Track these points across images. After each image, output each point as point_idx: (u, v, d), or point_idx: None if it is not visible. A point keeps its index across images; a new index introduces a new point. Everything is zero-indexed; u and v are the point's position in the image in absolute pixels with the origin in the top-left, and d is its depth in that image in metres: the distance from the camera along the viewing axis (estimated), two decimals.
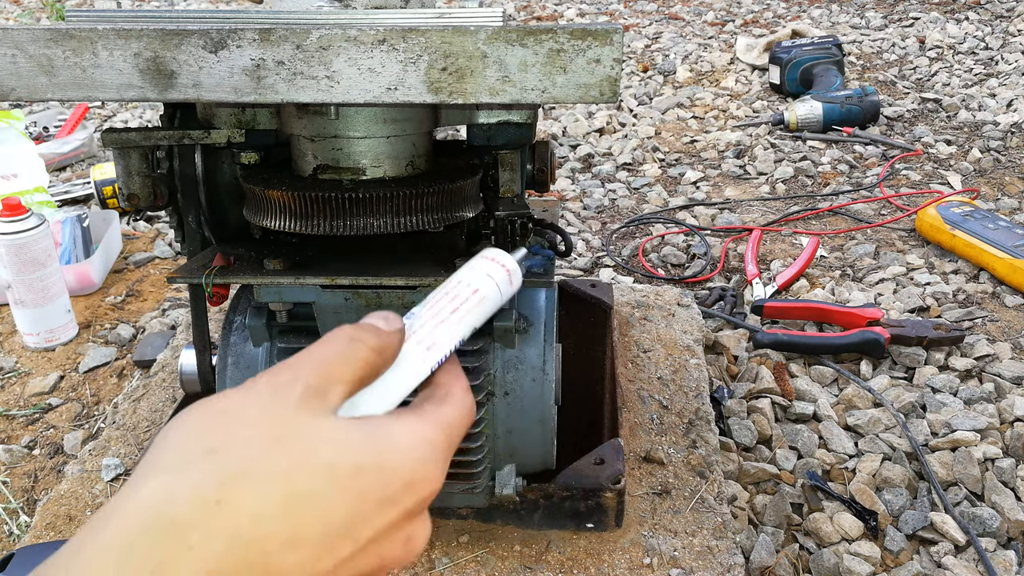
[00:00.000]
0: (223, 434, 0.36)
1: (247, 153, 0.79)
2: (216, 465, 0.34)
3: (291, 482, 0.34)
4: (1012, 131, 2.25)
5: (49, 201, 1.86)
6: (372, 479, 0.36)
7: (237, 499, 0.33)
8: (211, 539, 0.32)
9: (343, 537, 0.35)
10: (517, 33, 0.56)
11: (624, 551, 0.88)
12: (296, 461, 0.35)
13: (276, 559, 0.33)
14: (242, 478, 0.34)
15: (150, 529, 0.32)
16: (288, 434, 0.36)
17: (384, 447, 0.37)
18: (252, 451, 0.35)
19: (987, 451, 1.11)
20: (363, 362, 0.40)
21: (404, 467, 0.37)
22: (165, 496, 0.33)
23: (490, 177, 0.83)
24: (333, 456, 0.36)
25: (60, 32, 0.58)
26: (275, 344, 0.85)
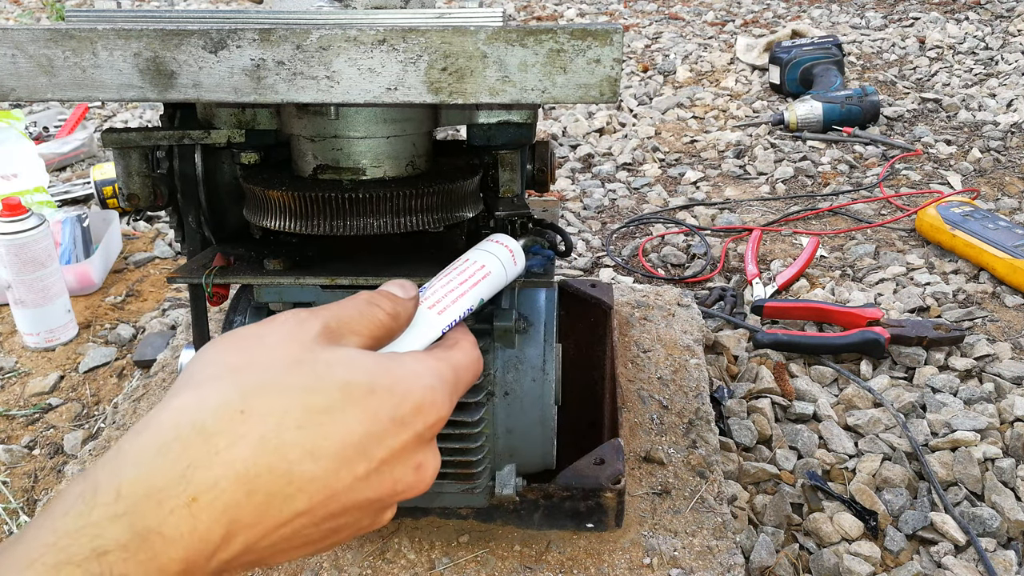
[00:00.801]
0: (246, 355, 0.39)
1: (247, 153, 0.79)
2: (240, 380, 0.38)
3: (309, 397, 0.37)
4: (1012, 131, 2.25)
5: (49, 201, 1.86)
6: (384, 399, 0.39)
7: (260, 410, 0.36)
8: (237, 445, 0.35)
9: (358, 453, 0.38)
10: (517, 33, 0.56)
11: (624, 551, 0.88)
12: (314, 379, 0.38)
13: (298, 468, 0.36)
14: (264, 392, 0.37)
15: (181, 435, 0.35)
16: (306, 357, 0.39)
17: (395, 373, 0.40)
18: (273, 369, 0.38)
19: (987, 451, 1.11)
20: (378, 322, 0.43)
21: (414, 390, 0.40)
22: (194, 406, 0.36)
23: (490, 177, 0.83)
24: (348, 375, 0.39)
25: (60, 32, 0.58)
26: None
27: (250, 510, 0.35)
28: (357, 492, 0.38)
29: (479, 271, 0.51)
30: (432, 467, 0.41)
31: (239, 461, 0.35)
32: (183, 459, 0.35)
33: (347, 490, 0.37)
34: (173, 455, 0.35)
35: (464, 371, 0.44)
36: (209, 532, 0.34)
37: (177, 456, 0.35)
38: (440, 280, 0.50)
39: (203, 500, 0.34)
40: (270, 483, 0.35)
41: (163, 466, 0.35)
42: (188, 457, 0.35)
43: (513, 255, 0.54)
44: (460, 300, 0.49)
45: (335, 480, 0.37)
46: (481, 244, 0.54)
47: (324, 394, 0.38)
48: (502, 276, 0.53)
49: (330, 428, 0.37)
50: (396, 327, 0.45)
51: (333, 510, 0.38)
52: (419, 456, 0.40)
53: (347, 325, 0.42)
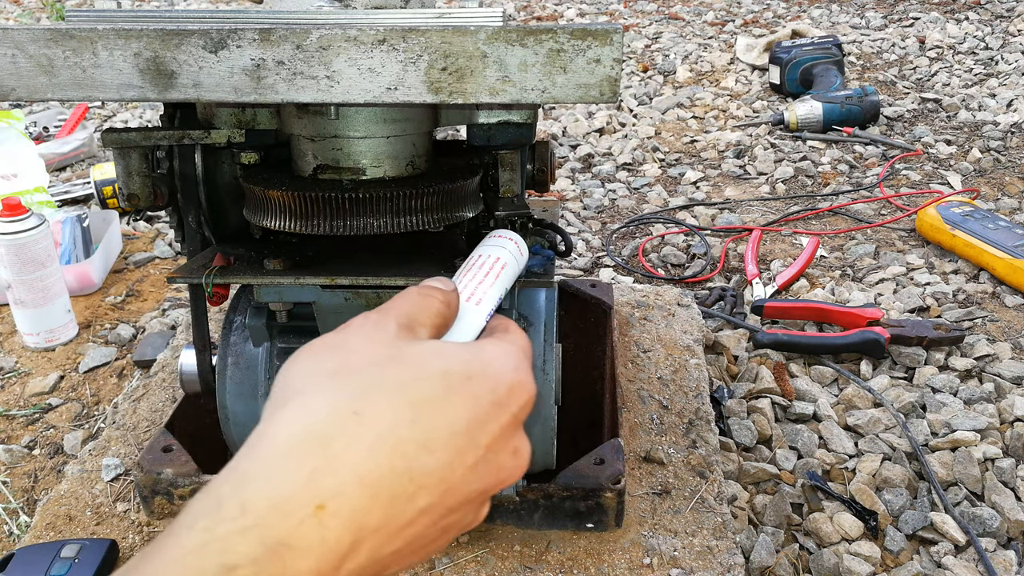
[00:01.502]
0: (340, 360, 0.39)
1: (247, 153, 0.79)
2: (344, 383, 0.37)
3: (413, 391, 0.37)
4: (1012, 131, 2.25)
5: (49, 201, 1.86)
6: (481, 384, 0.39)
7: (371, 409, 0.36)
8: (355, 447, 0.35)
9: (467, 441, 0.37)
10: (517, 33, 0.56)
11: (624, 551, 0.88)
12: (412, 372, 0.38)
13: (417, 464, 0.36)
14: (371, 391, 0.37)
15: (299, 443, 0.35)
16: (397, 354, 0.39)
17: (483, 357, 0.41)
18: (371, 371, 0.38)
19: (987, 451, 1.11)
20: (437, 311, 0.44)
21: (505, 372, 0.40)
22: (306, 414, 0.36)
23: (490, 177, 0.83)
24: (444, 364, 0.39)
25: (60, 32, 0.58)
26: (275, 344, 0.85)
27: (376, 513, 0.35)
28: (469, 483, 0.38)
29: (496, 263, 0.53)
30: (526, 451, 0.41)
31: (361, 463, 0.35)
32: (305, 467, 0.34)
33: (460, 482, 0.37)
34: (294, 464, 0.34)
35: (526, 347, 0.45)
36: (339, 541, 0.34)
37: (299, 464, 0.34)
38: (466, 275, 0.51)
39: (330, 507, 0.34)
40: (393, 483, 0.35)
41: (286, 476, 0.34)
42: (309, 464, 0.34)
43: (519, 247, 0.56)
44: (491, 291, 0.51)
45: (449, 472, 0.37)
46: (487, 241, 0.56)
47: (427, 385, 0.38)
48: (515, 266, 0.55)
49: (438, 418, 0.37)
50: (450, 315, 0.45)
51: (450, 505, 0.37)
52: (515, 440, 0.41)
53: (415, 319, 0.43)
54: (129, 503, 0.97)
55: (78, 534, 0.93)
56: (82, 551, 0.87)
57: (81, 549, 0.87)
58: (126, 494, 0.98)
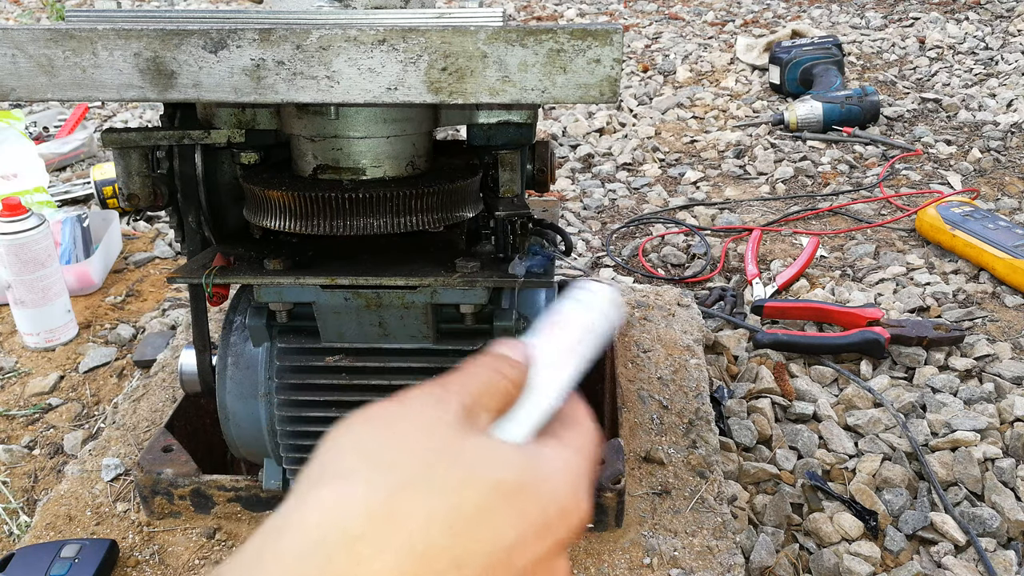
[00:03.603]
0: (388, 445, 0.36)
1: (247, 153, 0.79)
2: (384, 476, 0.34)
3: (459, 497, 0.34)
4: (1012, 131, 2.25)
5: (49, 201, 1.86)
6: (533, 502, 0.35)
7: (407, 511, 0.33)
8: (383, 552, 0.32)
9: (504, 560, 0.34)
10: (517, 33, 0.56)
11: (624, 551, 0.88)
12: (463, 475, 0.35)
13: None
14: (411, 489, 0.34)
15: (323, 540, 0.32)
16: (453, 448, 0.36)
17: (542, 469, 0.37)
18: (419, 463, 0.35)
19: (987, 451, 1.11)
20: (504, 393, 0.41)
21: (560, 492, 0.37)
22: (335, 506, 0.33)
23: (490, 177, 0.83)
24: (498, 473, 0.35)
25: (60, 32, 0.58)
26: (275, 344, 0.85)
27: None
28: None
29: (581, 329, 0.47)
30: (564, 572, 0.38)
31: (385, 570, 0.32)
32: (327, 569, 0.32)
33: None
34: (316, 564, 0.32)
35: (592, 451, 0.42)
36: None
37: (321, 565, 0.32)
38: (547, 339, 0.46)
39: None
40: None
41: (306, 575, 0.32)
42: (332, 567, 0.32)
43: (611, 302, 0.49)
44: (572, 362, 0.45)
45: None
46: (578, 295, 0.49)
47: (475, 492, 0.34)
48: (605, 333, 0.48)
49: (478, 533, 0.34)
50: (517, 395, 0.42)
51: None
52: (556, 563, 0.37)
53: (479, 401, 0.39)
54: (129, 503, 0.97)
55: (78, 534, 0.93)
56: (82, 551, 0.87)
57: (81, 549, 0.87)
58: (126, 494, 0.98)
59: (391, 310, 0.79)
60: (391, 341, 0.83)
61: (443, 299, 0.78)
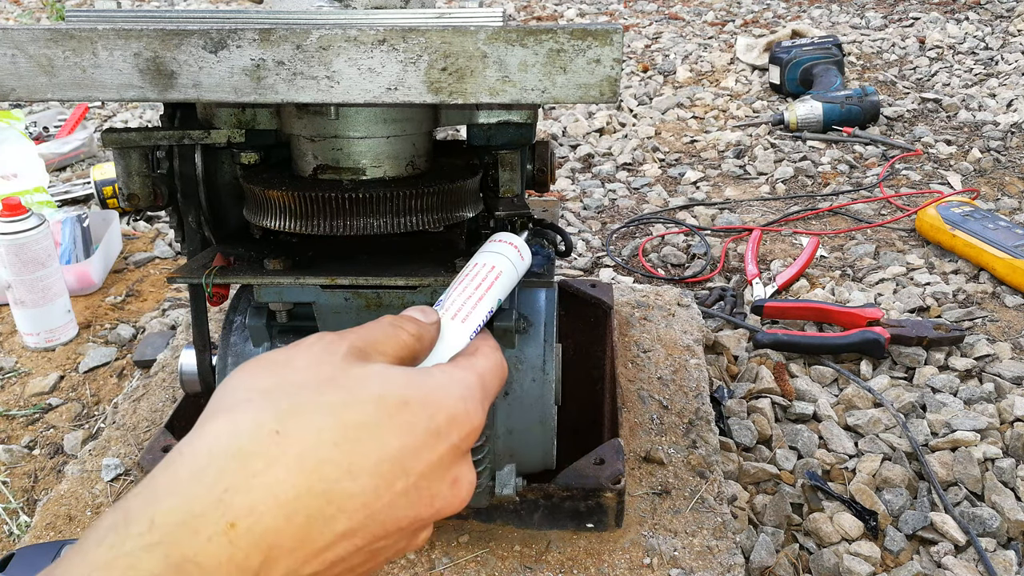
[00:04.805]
0: (276, 377, 0.38)
1: (247, 153, 0.79)
2: (272, 401, 0.37)
3: (344, 413, 0.36)
4: (1012, 131, 2.25)
5: (49, 201, 1.86)
6: (418, 411, 0.38)
7: (295, 429, 0.35)
8: (274, 466, 0.34)
9: (396, 468, 0.37)
10: (517, 33, 0.56)
11: (624, 551, 0.88)
12: (347, 394, 0.37)
13: (337, 487, 0.35)
14: (298, 411, 0.36)
15: (216, 459, 0.34)
16: (337, 375, 0.38)
17: (427, 385, 0.40)
18: (306, 388, 0.37)
19: (987, 451, 1.11)
20: (402, 343, 0.43)
21: (447, 402, 0.39)
22: (227, 430, 0.36)
23: (490, 177, 0.83)
24: (381, 389, 0.38)
25: (60, 32, 0.58)
26: (275, 344, 0.85)
27: (290, 534, 0.34)
28: (396, 510, 0.37)
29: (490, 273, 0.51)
30: (468, 481, 0.40)
31: (277, 483, 0.34)
32: (219, 484, 0.34)
33: (386, 508, 0.36)
34: (208, 480, 0.34)
35: (491, 376, 0.44)
36: (247, 559, 0.33)
37: (213, 481, 0.34)
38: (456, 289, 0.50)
39: (241, 526, 0.33)
40: (309, 505, 0.34)
41: (198, 492, 0.33)
42: (224, 482, 0.34)
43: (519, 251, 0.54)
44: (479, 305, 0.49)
45: (374, 498, 0.36)
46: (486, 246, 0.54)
47: (358, 409, 0.37)
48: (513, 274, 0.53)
49: (367, 444, 0.36)
50: (420, 349, 0.45)
51: (374, 531, 0.36)
52: (455, 470, 0.40)
53: (373, 345, 0.42)
54: None
55: (78, 534, 0.93)
56: None
57: None
58: (126, 494, 0.98)
59: (391, 310, 0.79)
60: None
61: None
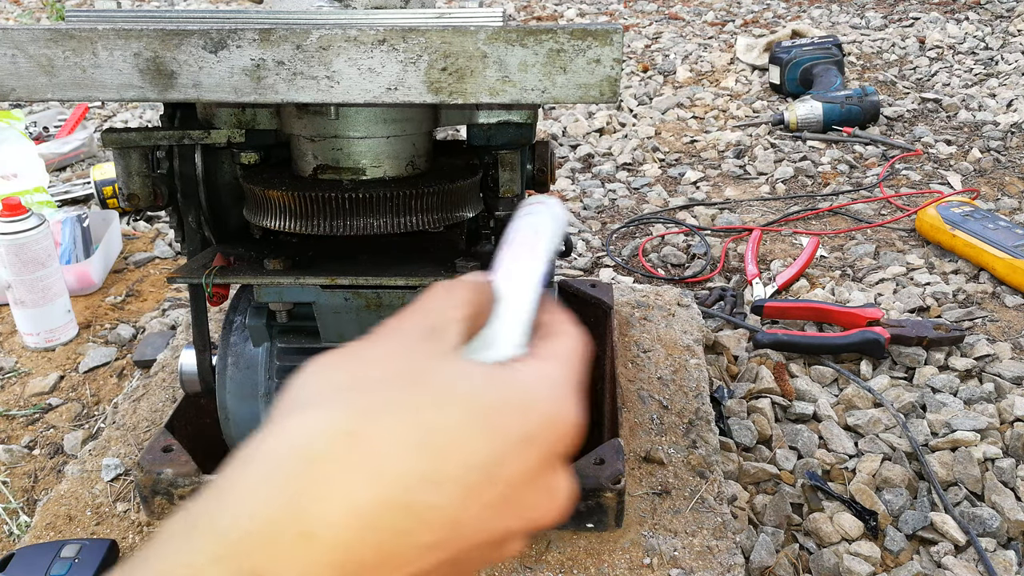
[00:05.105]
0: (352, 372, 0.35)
1: (247, 153, 0.79)
2: (349, 400, 0.33)
3: (427, 417, 0.33)
4: (1012, 131, 2.25)
5: (49, 201, 1.86)
6: (510, 416, 0.35)
7: (373, 433, 0.32)
8: (349, 472, 0.31)
9: (485, 478, 0.33)
10: (517, 33, 0.56)
11: (624, 551, 0.88)
12: (431, 396, 0.34)
13: (418, 497, 0.32)
14: (379, 412, 0.33)
15: (287, 463, 0.31)
16: (420, 372, 0.35)
17: (516, 385, 0.36)
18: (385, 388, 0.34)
19: (987, 451, 1.11)
20: (467, 301, 0.40)
21: (540, 404, 0.36)
22: (300, 431, 0.32)
23: (490, 177, 0.83)
24: (468, 392, 0.34)
25: (60, 32, 0.58)
26: (275, 344, 0.85)
27: (370, 548, 0.31)
28: (484, 522, 0.33)
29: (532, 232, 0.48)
30: (564, 490, 0.37)
31: (354, 492, 0.31)
32: (289, 490, 0.31)
33: (474, 520, 0.33)
34: (278, 486, 0.31)
35: (577, 359, 0.40)
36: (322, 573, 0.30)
37: (283, 487, 0.31)
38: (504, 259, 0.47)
39: (315, 538, 0.30)
40: (390, 517, 0.31)
41: (268, 499, 0.31)
42: (295, 488, 0.31)
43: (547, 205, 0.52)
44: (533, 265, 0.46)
45: (460, 511, 0.33)
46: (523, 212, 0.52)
47: (443, 412, 0.33)
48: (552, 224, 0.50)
49: (452, 450, 0.33)
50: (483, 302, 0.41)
51: (460, 545, 0.33)
52: (550, 479, 0.36)
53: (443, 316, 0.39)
54: (129, 503, 0.97)
55: (78, 534, 0.93)
56: (82, 551, 0.87)
57: (81, 549, 0.87)
58: (126, 494, 0.98)
59: (391, 310, 0.79)
60: None
61: None
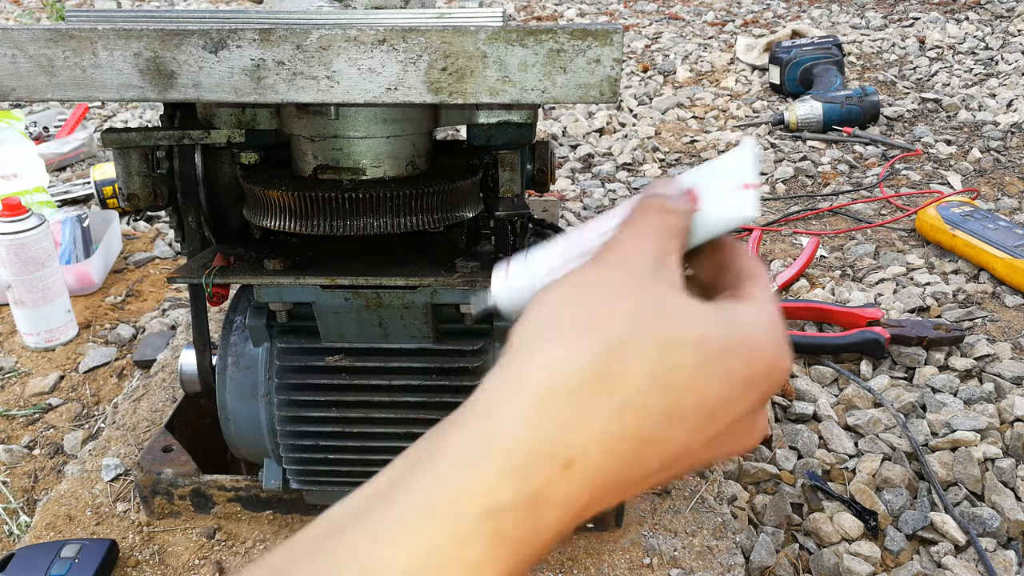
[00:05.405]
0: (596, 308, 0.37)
1: (247, 153, 0.79)
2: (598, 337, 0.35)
3: (666, 356, 0.35)
4: (1012, 131, 2.25)
5: (49, 201, 1.86)
6: (737, 359, 0.37)
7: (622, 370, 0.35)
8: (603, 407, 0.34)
9: (711, 417, 0.36)
10: (517, 33, 0.56)
11: (624, 551, 0.88)
12: (668, 336, 0.36)
13: (657, 432, 0.35)
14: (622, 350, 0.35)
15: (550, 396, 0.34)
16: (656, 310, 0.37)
17: (743, 328, 0.38)
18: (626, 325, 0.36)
19: (987, 451, 1.11)
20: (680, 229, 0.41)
21: (763, 350, 0.38)
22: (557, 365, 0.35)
23: (490, 177, 0.83)
24: (702, 333, 0.36)
25: (60, 32, 0.58)
26: (275, 344, 0.85)
27: (611, 475, 0.34)
28: (700, 453, 0.37)
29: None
30: (762, 428, 0.40)
31: (605, 424, 0.34)
32: (556, 421, 0.33)
33: (694, 453, 0.36)
34: (546, 416, 0.33)
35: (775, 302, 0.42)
36: (578, 498, 0.33)
37: (550, 418, 0.33)
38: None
39: (576, 465, 0.33)
40: (630, 448, 0.34)
41: (539, 428, 0.33)
42: (561, 419, 0.33)
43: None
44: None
45: (686, 444, 0.36)
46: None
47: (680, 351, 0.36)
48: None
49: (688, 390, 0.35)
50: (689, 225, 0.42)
51: (675, 472, 0.37)
52: (758, 417, 0.39)
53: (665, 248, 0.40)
54: (129, 503, 0.97)
55: (78, 534, 0.93)
56: (82, 551, 0.87)
57: (81, 549, 0.87)
58: (126, 494, 0.98)
59: (391, 310, 0.79)
60: (391, 341, 0.83)
61: (443, 299, 0.78)
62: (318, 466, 0.88)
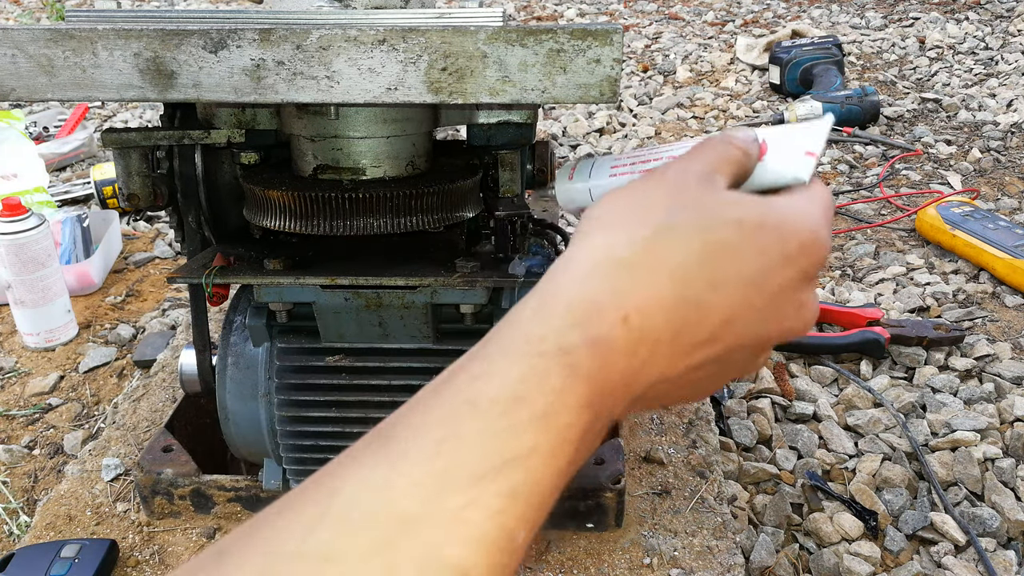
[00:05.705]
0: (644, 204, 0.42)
1: (247, 153, 0.79)
2: (644, 222, 0.41)
3: (708, 234, 0.40)
4: (1012, 131, 2.25)
5: (49, 201, 1.86)
6: (773, 236, 0.41)
7: (667, 244, 0.40)
8: (654, 274, 0.39)
9: (752, 287, 0.40)
10: (517, 33, 0.56)
11: (624, 551, 0.88)
12: (709, 218, 0.41)
13: (704, 297, 0.39)
14: (668, 230, 0.40)
15: (601, 264, 0.39)
16: (696, 200, 0.42)
17: (780, 213, 0.42)
18: (671, 213, 0.41)
19: (987, 451, 1.11)
20: (736, 161, 0.46)
21: (800, 229, 0.42)
22: (609, 243, 0.40)
23: (490, 177, 0.83)
24: (739, 214, 0.41)
25: (60, 32, 0.58)
26: (275, 344, 0.85)
27: (668, 334, 0.38)
28: (750, 325, 0.40)
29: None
30: (813, 308, 0.43)
31: (656, 288, 0.38)
32: (608, 283, 0.38)
33: (742, 321, 0.40)
34: (599, 280, 0.38)
35: (830, 205, 0.46)
36: (638, 348, 0.38)
37: (602, 281, 0.38)
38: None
39: (633, 320, 0.38)
40: (682, 310, 0.38)
41: (596, 287, 0.38)
42: (613, 283, 0.38)
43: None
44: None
45: (734, 312, 0.40)
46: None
47: (720, 230, 0.40)
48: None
49: (728, 262, 0.40)
50: (749, 164, 0.47)
51: (728, 343, 0.40)
52: (802, 295, 0.42)
53: (715, 168, 0.44)
54: (129, 503, 0.97)
55: (78, 534, 0.93)
56: (82, 551, 0.87)
57: (81, 549, 0.87)
58: (126, 494, 0.98)
59: (391, 310, 0.79)
60: (391, 341, 0.83)
61: (443, 299, 0.78)
62: (318, 466, 0.88)
